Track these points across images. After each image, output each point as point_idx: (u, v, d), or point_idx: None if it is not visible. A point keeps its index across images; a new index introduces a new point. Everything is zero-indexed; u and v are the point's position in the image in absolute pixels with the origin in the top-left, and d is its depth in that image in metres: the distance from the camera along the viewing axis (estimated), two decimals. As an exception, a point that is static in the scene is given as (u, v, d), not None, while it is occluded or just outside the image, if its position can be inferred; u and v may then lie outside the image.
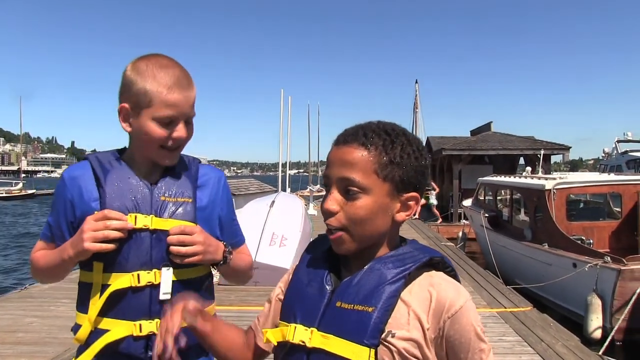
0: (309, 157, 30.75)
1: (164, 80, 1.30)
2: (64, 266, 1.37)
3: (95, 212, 1.31)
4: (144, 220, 1.33)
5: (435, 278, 1.00)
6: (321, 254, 1.09)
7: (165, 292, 1.35)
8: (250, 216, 7.85)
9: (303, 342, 0.98)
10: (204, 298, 1.42)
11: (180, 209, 1.38)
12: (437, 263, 1.02)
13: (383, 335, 0.93)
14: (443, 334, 0.96)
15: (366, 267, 1.01)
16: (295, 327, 1.00)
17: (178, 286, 1.36)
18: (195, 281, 1.42)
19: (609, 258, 6.98)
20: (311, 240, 1.17)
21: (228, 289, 6.86)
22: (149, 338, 1.34)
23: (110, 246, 1.28)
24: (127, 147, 1.46)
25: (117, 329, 1.33)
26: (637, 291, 6.47)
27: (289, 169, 14.77)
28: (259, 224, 7.43)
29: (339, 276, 1.05)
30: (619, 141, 26.74)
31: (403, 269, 0.98)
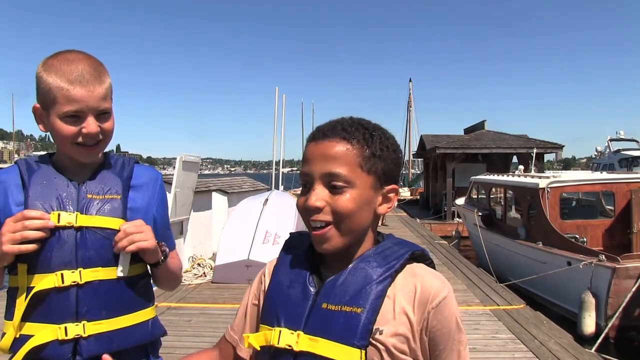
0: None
1: (66, 75, 1.26)
2: None
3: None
4: (67, 218, 1.29)
5: (417, 269, 1.01)
6: (300, 254, 1.07)
7: (121, 270, 1.32)
8: (243, 214, 7.86)
9: (290, 346, 0.96)
10: (141, 298, 1.39)
11: (107, 205, 1.34)
12: (418, 256, 1.03)
13: (371, 334, 0.93)
14: (427, 325, 0.97)
15: (350, 266, 1.00)
16: (280, 331, 0.98)
17: (113, 285, 1.32)
18: (131, 280, 1.36)
19: (603, 256, 6.98)
20: (286, 239, 1.15)
21: (221, 287, 6.89)
22: (77, 342, 1.28)
23: (31, 247, 1.23)
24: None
25: (41, 334, 1.26)
26: (634, 288, 6.49)
27: (283, 167, 14.74)
28: (253, 221, 7.44)
29: (320, 276, 1.03)
30: (611, 140, 26.97)
31: (388, 267, 0.98)
